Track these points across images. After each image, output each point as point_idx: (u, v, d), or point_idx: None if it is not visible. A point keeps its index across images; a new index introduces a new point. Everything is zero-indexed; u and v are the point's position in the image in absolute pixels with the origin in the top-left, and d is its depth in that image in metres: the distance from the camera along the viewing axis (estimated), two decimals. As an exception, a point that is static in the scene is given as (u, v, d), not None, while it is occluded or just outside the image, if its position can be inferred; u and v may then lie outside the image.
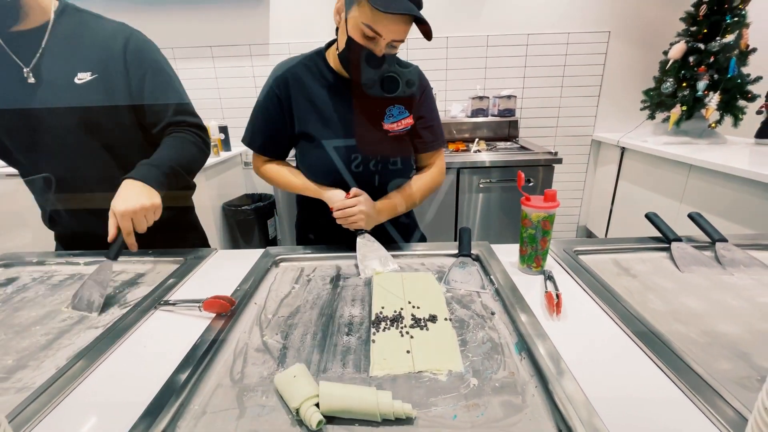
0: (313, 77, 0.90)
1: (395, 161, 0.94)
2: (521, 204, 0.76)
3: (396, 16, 0.73)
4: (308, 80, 0.90)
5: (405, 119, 0.91)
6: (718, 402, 0.46)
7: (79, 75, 0.84)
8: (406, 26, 0.77)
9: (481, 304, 0.69)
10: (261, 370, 0.55)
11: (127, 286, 0.80)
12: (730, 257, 0.80)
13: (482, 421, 0.45)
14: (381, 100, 0.90)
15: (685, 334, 0.59)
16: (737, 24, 2.00)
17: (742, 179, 1.59)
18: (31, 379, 0.54)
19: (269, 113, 0.92)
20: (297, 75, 0.90)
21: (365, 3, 0.73)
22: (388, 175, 0.95)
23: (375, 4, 0.71)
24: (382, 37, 0.76)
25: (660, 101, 2.26)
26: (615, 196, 2.51)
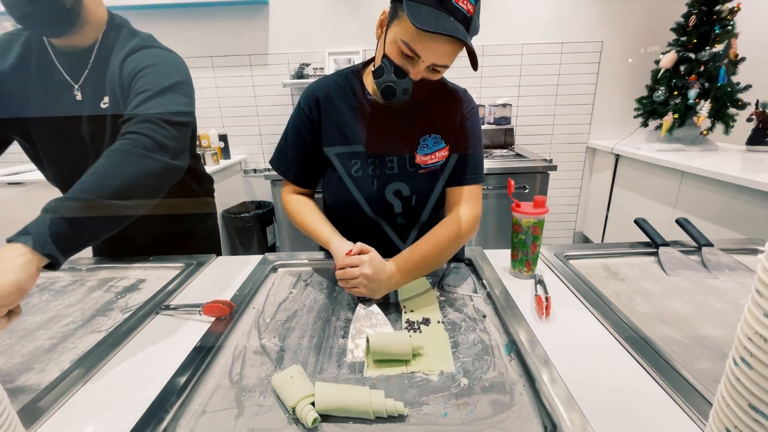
0: (344, 98, 0.82)
1: (425, 198, 0.85)
2: (512, 210, 0.78)
3: (440, 37, 0.63)
4: (339, 101, 0.82)
5: (439, 151, 0.83)
6: (697, 400, 0.48)
7: (104, 99, 0.84)
8: (451, 49, 0.66)
9: (473, 308, 0.71)
10: (259, 371, 0.56)
11: (129, 291, 0.82)
12: (716, 261, 0.82)
13: (471, 419, 0.47)
14: (416, 128, 0.82)
15: (669, 335, 0.61)
16: (726, 34, 2.05)
17: (734, 186, 1.62)
18: (36, 381, 0.56)
19: (300, 135, 0.85)
20: (328, 95, 0.82)
21: (407, 18, 0.63)
22: (416, 213, 0.87)
23: (414, 19, 0.61)
24: (420, 58, 0.66)
25: (652, 109, 2.31)
26: (610, 202, 2.54)
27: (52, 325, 0.70)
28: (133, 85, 0.78)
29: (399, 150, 0.83)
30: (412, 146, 0.83)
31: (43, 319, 0.72)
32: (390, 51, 0.69)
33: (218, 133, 2.50)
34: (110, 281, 0.87)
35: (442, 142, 0.83)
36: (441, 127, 0.83)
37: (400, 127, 0.82)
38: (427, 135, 0.83)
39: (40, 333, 0.68)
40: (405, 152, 0.83)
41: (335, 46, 2.50)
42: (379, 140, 0.82)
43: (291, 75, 2.50)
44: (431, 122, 0.83)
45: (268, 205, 2.62)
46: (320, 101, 0.83)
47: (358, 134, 0.82)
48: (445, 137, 0.83)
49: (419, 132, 0.83)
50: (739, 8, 2.03)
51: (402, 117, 0.82)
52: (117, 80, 0.82)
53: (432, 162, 0.83)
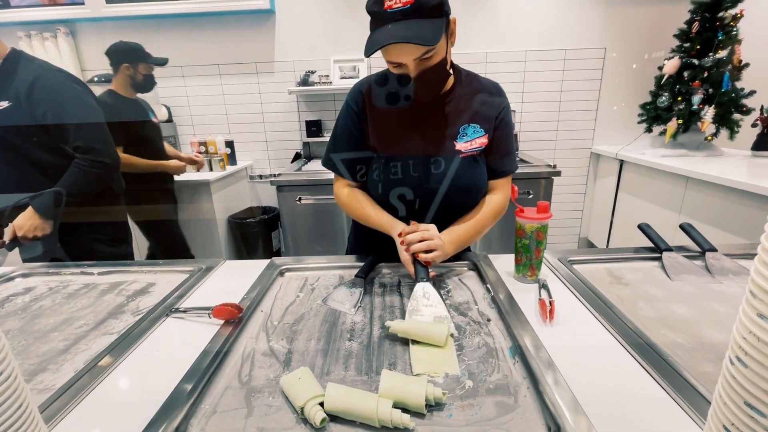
0: (385, 94, 0.87)
1: (466, 185, 0.88)
2: (515, 215, 0.79)
3: (393, 46, 0.72)
4: (382, 95, 0.88)
5: (479, 138, 0.87)
6: (701, 403, 0.48)
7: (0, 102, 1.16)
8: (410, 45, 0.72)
9: (477, 311, 0.72)
10: (267, 372, 0.58)
11: (139, 294, 0.84)
12: (720, 266, 0.82)
13: (476, 420, 0.48)
14: (455, 118, 0.87)
15: (673, 339, 0.62)
16: (729, 40, 2.06)
17: (739, 191, 1.61)
18: (52, 381, 0.58)
19: (349, 131, 0.91)
20: (372, 90, 0.89)
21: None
22: (458, 200, 0.90)
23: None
24: (404, 63, 0.76)
25: (656, 115, 2.31)
26: (615, 207, 2.54)
27: (65, 327, 0.72)
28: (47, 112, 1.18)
29: (440, 137, 0.87)
30: (452, 135, 0.87)
31: (56, 321, 0.74)
32: (388, 66, 0.80)
33: (225, 140, 2.53)
34: (121, 285, 0.89)
35: (481, 130, 0.88)
36: (479, 118, 0.88)
37: (440, 117, 0.87)
38: (466, 125, 0.87)
39: (54, 335, 0.69)
40: (446, 139, 0.87)
41: (341, 53, 2.53)
42: (421, 128, 0.88)
43: (297, 82, 2.53)
44: (470, 112, 0.88)
45: (274, 210, 2.65)
46: (364, 95, 0.90)
47: (401, 122, 0.88)
48: (483, 126, 0.88)
49: (460, 122, 0.87)
50: (742, 15, 2.04)
51: (440, 111, 0.88)
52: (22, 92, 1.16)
53: (472, 148, 0.87)
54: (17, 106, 1.15)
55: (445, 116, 0.87)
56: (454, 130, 0.87)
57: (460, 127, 0.87)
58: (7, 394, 0.33)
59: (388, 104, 0.87)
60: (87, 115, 1.24)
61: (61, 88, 1.20)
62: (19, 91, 1.15)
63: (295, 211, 2.15)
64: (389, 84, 0.87)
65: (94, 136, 1.25)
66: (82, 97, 1.25)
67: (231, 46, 2.54)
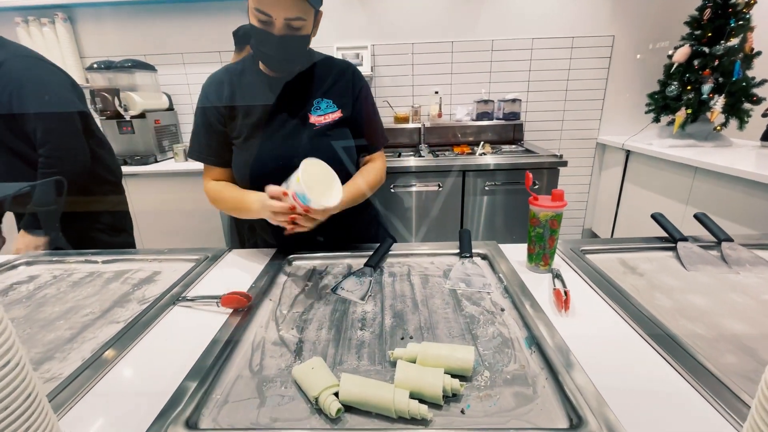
0: (240, 79, 0.90)
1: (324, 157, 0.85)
2: (529, 203, 0.78)
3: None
4: (236, 82, 0.90)
5: (332, 113, 0.90)
6: (725, 394, 0.47)
7: None
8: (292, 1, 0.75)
9: (490, 301, 0.71)
10: (279, 362, 0.56)
11: (145, 283, 0.83)
12: (736, 256, 0.81)
13: (494, 411, 0.47)
14: (308, 93, 0.90)
15: (692, 329, 0.60)
16: (741, 27, 2.01)
17: (749, 181, 1.59)
18: (59, 369, 0.56)
19: (208, 120, 0.90)
20: (225, 79, 0.90)
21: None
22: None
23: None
24: (272, 17, 0.76)
25: (665, 104, 2.28)
26: (620, 198, 2.52)
27: (71, 315, 0.71)
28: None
29: (294, 112, 0.89)
30: (306, 109, 0.90)
31: (62, 309, 0.73)
32: (253, 22, 0.79)
33: (227, 129, 2.50)
34: (126, 273, 0.87)
35: (334, 106, 0.91)
36: (334, 94, 0.91)
37: (293, 93, 0.90)
38: (320, 99, 0.90)
39: (60, 323, 0.68)
40: (300, 114, 0.89)
41: (343, 41, 2.48)
42: (275, 105, 0.89)
43: (299, 70, 2.49)
44: (323, 89, 0.91)
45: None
46: (221, 84, 0.90)
47: (255, 102, 0.89)
48: (337, 102, 0.91)
49: (312, 95, 0.90)
50: (755, 1, 1.99)
51: (295, 87, 0.90)
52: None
53: (325, 122, 0.90)
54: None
55: (300, 92, 0.90)
56: (309, 103, 0.90)
57: (314, 100, 0.90)
58: (16, 383, 0.32)
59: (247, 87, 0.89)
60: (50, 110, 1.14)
61: (27, 76, 1.10)
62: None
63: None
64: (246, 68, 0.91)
65: (56, 140, 1.15)
66: (50, 88, 1.15)
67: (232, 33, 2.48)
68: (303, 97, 0.90)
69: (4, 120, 1.10)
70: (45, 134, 1.12)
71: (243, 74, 0.91)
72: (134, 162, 2.29)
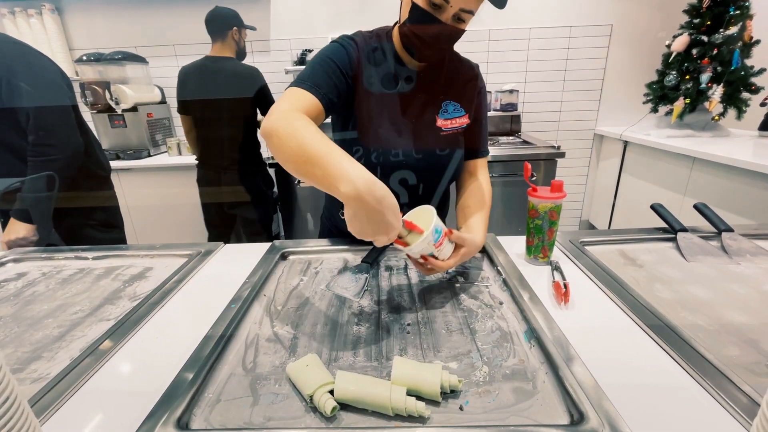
0: (372, 51, 0.80)
1: (443, 161, 0.85)
2: (528, 195, 0.76)
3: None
4: (369, 53, 0.80)
5: (460, 118, 0.84)
6: (728, 386, 0.46)
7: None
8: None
9: (489, 294, 0.70)
10: (273, 359, 0.55)
11: (136, 279, 0.81)
12: (737, 247, 0.80)
13: (494, 407, 0.46)
14: (438, 93, 0.83)
15: (693, 321, 0.60)
16: (741, 16, 1.99)
17: (746, 171, 1.59)
18: (46, 369, 0.55)
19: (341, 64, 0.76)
20: (362, 44, 0.80)
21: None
22: (430, 174, 0.86)
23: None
24: (449, 3, 0.67)
25: (663, 94, 2.26)
26: (618, 189, 2.51)
27: (59, 313, 0.69)
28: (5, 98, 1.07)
29: (422, 109, 0.83)
30: (434, 110, 0.83)
31: (50, 307, 0.71)
32: (419, 1, 0.69)
33: (220, 122, 2.46)
34: (117, 269, 0.85)
35: (462, 110, 0.85)
36: (460, 96, 0.85)
37: (424, 89, 0.83)
38: (448, 101, 0.84)
39: (48, 321, 0.67)
40: (428, 113, 0.83)
41: (338, 31, 2.43)
42: (404, 97, 0.82)
43: (293, 61, 2.45)
44: (453, 90, 0.85)
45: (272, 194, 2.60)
46: (358, 44, 0.79)
47: (384, 87, 0.81)
48: (464, 106, 0.85)
49: (442, 97, 0.84)
50: (755, -12, 1.96)
51: (427, 83, 0.83)
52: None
53: (452, 126, 0.84)
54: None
55: (431, 90, 0.83)
56: (437, 104, 0.83)
57: (442, 102, 0.84)
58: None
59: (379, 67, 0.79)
60: (42, 96, 1.11)
61: (19, 62, 1.07)
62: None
63: (294, 194, 2.11)
64: (382, 46, 0.81)
65: (48, 126, 1.11)
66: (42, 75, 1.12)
67: (225, 24, 2.44)
68: (433, 96, 0.83)
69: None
70: (36, 119, 1.09)
71: (377, 51, 0.80)
72: (127, 156, 2.26)
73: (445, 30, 0.71)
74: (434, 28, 0.70)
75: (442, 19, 0.70)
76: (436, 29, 0.71)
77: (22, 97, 1.07)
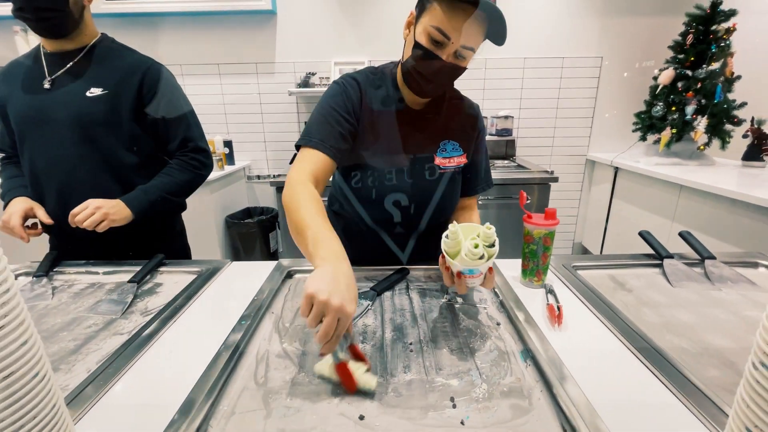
0: (375, 89, 0.85)
1: (437, 198, 0.89)
2: (524, 221, 0.81)
3: (467, 18, 0.68)
4: (371, 91, 0.85)
5: (458, 157, 0.88)
6: (708, 406, 0.50)
7: (91, 90, 0.98)
8: (478, 29, 0.70)
9: (486, 315, 0.74)
10: (283, 374, 0.58)
11: (147, 294, 0.84)
12: (719, 274, 0.85)
13: (493, 422, 0.49)
14: (438, 132, 0.87)
15: (678, 344, 0.64)
16: (722, 53, 2.11)
17: (731, 200, 1.66)
18: (65, 381, 0.57)
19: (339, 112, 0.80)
20: (364, 83, 0.85)
21: (436, 5, 0.69)
22: (429, 212, 0.90)
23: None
24: (450, 40, 0.70)
25: (651, 124, 2.36)
26: (609, 213, 2.58)
27: (74, 327, 0.71)
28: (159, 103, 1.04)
29: (420, 148, 0.87)
30: (432, 148, 0.87)
31: (64, 320, 0.73)
32: (420, 38, 0.73)
33: (223, 139, 2.52)
34: (127, 285, 0.88)
35: (460, 149, 0.89)
36: (459, 136, 0.89)
37: (423, 127, 0.87)
38: (446, 140, 0.88)
39: (63, 335, 0.69)
40: (426, 151, 0.87)
41: (341, 56, 2.54)
42: (403, 135, 0.85)
43: (297, 84, 2.53)
44: (451, 129, 0.89)
45: (272, 211, 2.64)
46: (360, 84, 0.84)
47: (384, 125, 0.84)
48: (463, 146, 0.89)
49: (441, 136, 0.88)
50: (734, 28, 2.09)
51: (427, 120, 0.87)
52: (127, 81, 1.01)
53: (450, 165, 0.88)
54: (116, 94, 0.98)
55: (430, 128, 0.87)
56: (435, 142, 0.87)
57: (440, 141, 0.87)
58: (42, 394, 0.33)
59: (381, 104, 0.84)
60: (193, 111, 1.12)
61: (172, 80, 1.08)
62: (123, 78, 1.00)
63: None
64: (384, 84, 0.85)
65: (202, 134, 1.13)
66: (184, 92, 1.12)
67: (231, 46, 2.53)
68: (433, 135, 0.87)
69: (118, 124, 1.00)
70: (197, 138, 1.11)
71: (381, 88, 0.85)
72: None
73: (445, 67, 0.73)
74: (435, 65, 0.73)
75: (443, 56, 0.72)
76: (437, 66, 0.73)
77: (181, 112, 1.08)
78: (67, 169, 1.00)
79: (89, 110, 0.97)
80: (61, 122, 0.97)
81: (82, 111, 0.97)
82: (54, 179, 1.00)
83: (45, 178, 1.01)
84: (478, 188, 0.96)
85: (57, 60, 1.00)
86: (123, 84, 1.00)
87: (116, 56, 1.03)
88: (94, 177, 1.01)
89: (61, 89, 0.98)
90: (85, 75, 0.99)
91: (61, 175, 1.00)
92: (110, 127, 1.00)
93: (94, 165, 1.01)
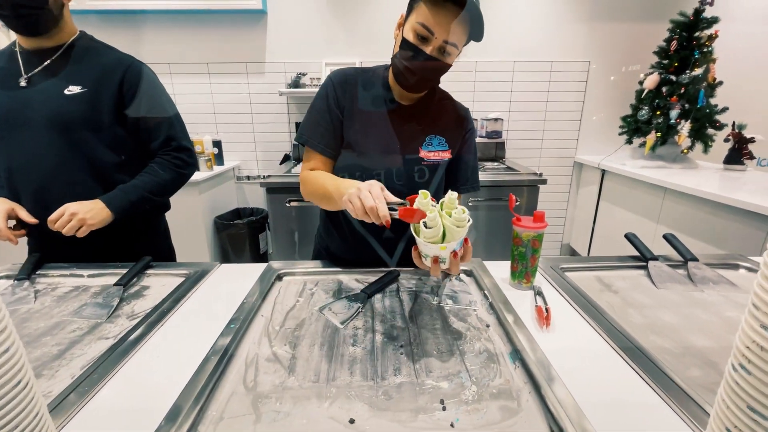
0: (366, 87, 0.90)
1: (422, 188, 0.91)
2: (513, 224, 0.82)
3: (449, 15, 0.74)
4: (361, 88, 0.90)
5: (443, 152, 0.91)
6: (690, 405, 0.51)
7: (69, 88, 0.96)
8: (461, 27, 0.76)
9: (476, 317, 0.74)
10: (273, 378, 0.58)
11: (133, 298, 0.82)
12: (701, 275, 0.87)
13: (482, 424, 0.49)
14: (424, 127, 0.91)
15: (661, 345, 0.65)
16: (705, 59, 2.17)
17: (713, 202, 1.70)
18: (48, 387, 0.56)
19: (329, 110, 0.89)
20: (353, 80, 0.90)
21: (422, 4, 0.75)
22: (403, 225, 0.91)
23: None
24: (434, 35, 0.75)
25: (636, 127, 2.41)
26: (596, 215, 2.63)
27: (57, 331, 0.70)
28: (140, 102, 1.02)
29: (407, 141, 0.89)
30: (418, 142, 0.90)
31: (47, 325, 0.72)
32: (408, 35, 0.78)
33: (212, 139, 2.49)
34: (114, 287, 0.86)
35: (446, 145, 0.91)
36: (446, 132, 0.92)
37: (411, 123, 0.90)
38: (432, 135, 0.91)
39: (46, 339, 0.67)
40: (412, 145, 0.89)
41: (332, 56, 2.54)
42: (391, 129, 0.89)
43: (287, 84, 2.52)
44: (439, 126, 0.92)
45: (262, 212, 2.62)
46: (345, 83, 0.90)
47: (373, 119, 0.89)
48: (449, 143, 0.92)
49: (427, 131, 0.91)
50: (717, 35, 2.15)
51: (415, 115, 0.90)
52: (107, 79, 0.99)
53: (433, 158, 0.90)
54: (95, 92, 0.96)
55: (418, 123, 0.90)
56: (422, 136, 0.90)
57: (427, 135, 0.91)
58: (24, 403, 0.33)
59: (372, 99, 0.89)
60: (175, 109, 1.10)
61: (154, 78, 1.07)
62: (102, 77, 0.98)
63: (284, 213, 2.14)
64: (376, 80, 0.90)
65: (185, 133, 1.12)
66: (166, 91, 1.11)
67: (221, 45, 2.50)
68: (419, 129, 0.90)
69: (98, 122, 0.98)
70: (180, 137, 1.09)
71: (372, 84, 0.90)
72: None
73: (430, 60, 0.79)
74: (421, 59, 0.78)
75: (428, 51, 0.77)
76: (422, 59, 0.78)
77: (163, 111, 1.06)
78: (44, 169, 0.97)
79: (67, 109, 0.95)
80: (37, 121, 0.94)
81: (61, 109, 0.95)
82: (31, 179, 0.98)
83: (22, 178, 0.98)
84: (462, 187, 0.96)
85: (33, 58, 0.97)
86: (103, 82, 0.98)
87: (96, 54, 1.01)
88: (73, 176, 0.98)
89: (37, 87, 0.95)
90: (62, 73, 0.97)
91: (39, 174, 0.97)
92: (89, 125, 0.97)
93: (73, 164, 0.98)
